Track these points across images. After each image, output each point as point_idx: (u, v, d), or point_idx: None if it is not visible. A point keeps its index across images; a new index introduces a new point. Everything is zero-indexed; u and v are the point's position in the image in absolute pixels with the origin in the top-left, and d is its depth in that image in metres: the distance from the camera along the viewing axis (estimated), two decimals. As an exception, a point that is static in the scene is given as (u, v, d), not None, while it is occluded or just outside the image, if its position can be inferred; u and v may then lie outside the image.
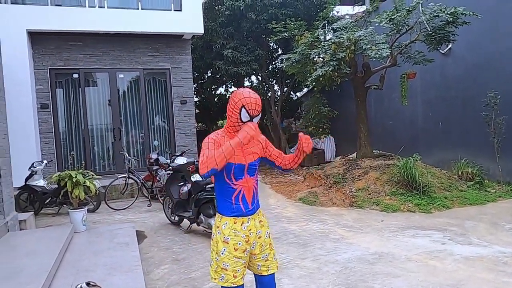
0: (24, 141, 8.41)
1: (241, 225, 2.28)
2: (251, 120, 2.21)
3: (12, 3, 8.91)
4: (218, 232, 2.29)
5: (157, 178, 8.29)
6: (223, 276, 2.27)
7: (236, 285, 2.27)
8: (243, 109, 2.18)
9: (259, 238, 2.36)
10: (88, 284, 3.49)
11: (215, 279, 2.31)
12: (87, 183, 5.83)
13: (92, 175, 6.24)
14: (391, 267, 4.21)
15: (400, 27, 7.96)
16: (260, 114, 2.27)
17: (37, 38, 9.18)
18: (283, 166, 2.49)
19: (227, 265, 2.25)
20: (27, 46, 8.77)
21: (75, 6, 9.50)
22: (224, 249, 2.25)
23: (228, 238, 2.25)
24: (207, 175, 2.05)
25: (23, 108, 8.58)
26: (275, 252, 2.52)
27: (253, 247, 2.34)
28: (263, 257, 2.39)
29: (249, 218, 2.31)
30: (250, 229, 2.31)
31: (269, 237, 2.44)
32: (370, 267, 4.24)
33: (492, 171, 7.97)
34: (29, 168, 7.51)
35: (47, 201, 7.55)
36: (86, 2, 9.37)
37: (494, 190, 7.53)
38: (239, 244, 2.26)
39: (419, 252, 4.65)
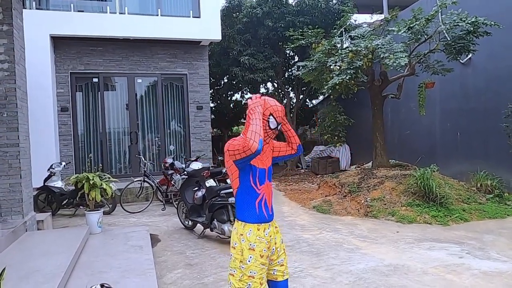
0: (44, 143, 8.61)
1: (263, 232, 2.29)
2: (277, 127, 2.31)
3: (37, 8, 9.18)
4: (243, 240, 2.26)
5: (172, 182, 8.36)
6: (249, 284, 2.23)
7: None
8: (271, 117, 2.28)
9: (275, 243, 2.37)
10: (102, 286, 3.52)
11: None
12: (104, 186, 5.91)
13: (109, 177, 6.33)
14: (406, 280, 4.13)
15: (419, 36, 7.89)
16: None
17: (59, 42, 9.42)
18: (293, 151, 2.57)
19: (254, 273, 2.23)
20: (49, 50, 9.01)
21: (96, 12, 9.75)
22: (251, 257, 2.23)
23: (254, 245, 2.24)
24: (260, 148, 2.10)
25: (44, 110, 8.80)
26: (287, 256, 2.53)
27: (272, 253, 2.36)
28: (279, 262, 2.40)
29: (269, 225, 2.33)
30: (271, 235, 2.33)
31: (282, 242, 2.47)
32: (385, 279, 4.17)
33: (513, 184, 7.77)
34: (48, 170, 7.67)
35: (65, 202, 7.69)
36: (107, 8, 9.59)
37: (515, 204, 7.32)
38: (264, 250, 2.27)
39: (435, 265, 4.55)
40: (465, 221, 6.55)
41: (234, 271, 2.29)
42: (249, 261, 2.23)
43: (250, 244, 2.24)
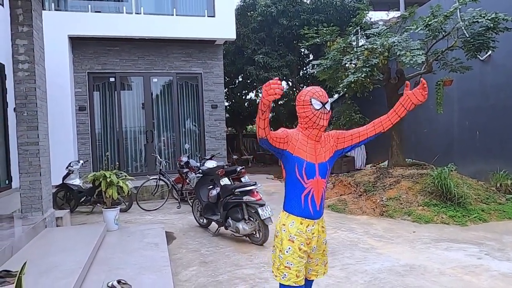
0: (63, 141, 8.79)
1: (306, 227, 2.27)
2: (323, 106, 2.25)
3: (55, 9, 9.37)
4: (284, 230, 2.28)
5: (187, 180, 8.42)
6: (285, 275, 2.25)
7: (298, 285, 2.25)
8: (313, 100, 2.25)
9: (316, 241, 2.35)
10: (119, 282, 3.59)
11: (277, 276, 2.30)
12: (120, 184, 6.00)
13: (125, 175, 6.42)
14: (423, 280, 4.07)
15: (437, 33, 7.75)
16: (329, 101, 2.31)
17: (77, 43, 9.59)
18: (372, 133, 2.36)
19: (291, 264, 2.24)
20: (68, 50, 9.19)
21: (113, 12, 9.90)
22: (289, 248, 2.24)
23: (294, 237, 2.25)
24: (261, 143, 2.14)
25: (63, 109, 8.98)
26: (327, 258, 2.50)
27: (313, 251, 2.35)
28: (315, 261, 2.41)
29: (315, 222, 2.30)
30: (314, 233, 2.31)
31: (325, 243, 2.45)
32: (401, 279, 4.12)
33: (534, 184, 7.56)
34: (67, 168, 7.83)
35: (82, 199, 7.83)
36: (123, 9, 9.72)
37: (536, 204, 7.13)
38: (302, 244, 2.27)
39: (453, 266, 4.47)
40: (484, 222, 6.42)
41: (274, 259, 2.33)
42: (287, 251, 2.24)
43: (290, 236, 2.25)
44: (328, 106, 2.28)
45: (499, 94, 8.42)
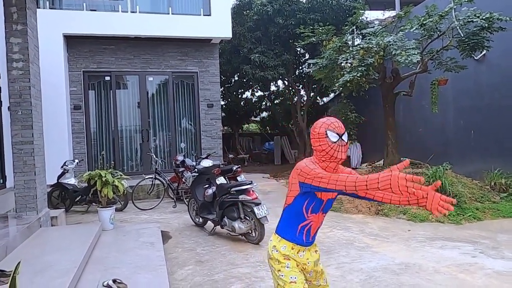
0: (58, 140, 8.73)
1: (297, 252, 2.24)
2: (340, 138, 2.14)
3: (50, 8, 9.31)
4: (276, 251, 2.25)
5: (183, 179, 8.41)
6: None
7: None
8: (328, 132, 2.14)
9: (313, 267, 2.32)
10: (114, 281, 3.58)
11: None
12: (116, 183, 5.98)
13: (121, 175, 6.40)
14: (418, 279, 4.10)
15: (432, 33, 7.78)
16: (346, 133, 2.20)
17: (72, 41, 9.54)
18: (358, 192, 2.16)
19: (295, 278, 2.19)
20: (63, 49, 9.13)
21: (108, 11, 9.85)
22: (288, 263, 2.21)
23: (287, 255, 2.23)
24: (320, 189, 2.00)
25: (58, 108, 8.92)
26: (326, 273, 2.47)
27: (310, 274, 2.31)
28: (316, 283, 2.37)
29: (306, 248, 2.28)
30: (308, 258, 2.27)
31: (317, 265, 2.39)
32: (396, 278, 4.14)
33: (528, 183, 7.62)
34: (62, 167, 7.79)
35: (78, 199, 7.80)
36: (119, 7, 9.68)
37: (530, 203, 7.19)
38: (297, 264, 2.24)
39: (447, 264, 4.50)
40: (479, 220, 6.47)
41: (276, 282, 2.26)
42: (287, 267, 2.20)
43: (284, 254, 2.23)
44: (345, 138, 2.17)
45: (494, 94, 8.48)
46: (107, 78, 10.01)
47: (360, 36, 9.26)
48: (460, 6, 7.48)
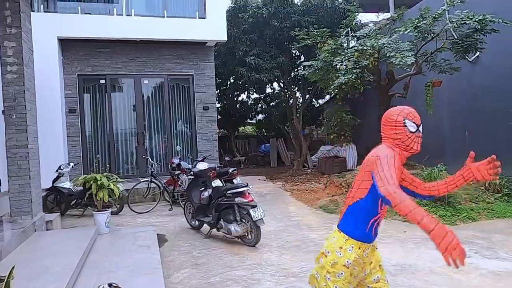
0: (53, 144, 8.69)
1: (363, 251, 2.13)
2: (418, 129, 2.13)
3: (44, 11, 9.29)
4: (340, 254, 2.10)
5: (179, 182, 8.39)
6: None
7: None
8: (407, 121, 2.11)
9: (370, 264, 2.21)
10: (110, 285, 3.56)
11: None
12: (111, 186, 5.97)
13: (116, 178, 6.38)
14: (414, 279, 4.11)
15: (426, 35, 7.84)
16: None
17: (67, 44, 9.52)
18: (420, 191, 2.26)
19: None
20: (57, 52, 9.11)
21: (103, 14, 9.84)
22: (342, 273, 2.09)
23: (349, 263, 2.08)
24: (385, 200, 1.85)
25: (53, 112, 8.89)
26: (386, 273, 2.32)
27: (365, 274, 2.20)
28: (374, 279, 2.23)
29: (370, 245, 2.17)
30: (368, 256, 2.17)
31: (379, 262, 2.28)
32: (392, 278, 4.15)
33: (522, 183, 7.68)
34: (57, 170, 7.75)
35: (73, 202, 7.76)
36: (114, 11, 9.67)
37: (524, 203, 7.25)
38: (355, 269, 2.12)
39: (443, 265, 4.50)
40: (473, 221, 6.50)
41: (318, 276, 2.19)
42: (338, 276, 2.09)
43: (347, 261, 2.08)
44: (421, 129, 2.13)
45: (488, 95, 8.54)
46: (102, 81, 9.99)
47: (355, 38, 9.31)
48: (453, 8, 7.55)
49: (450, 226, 6.30)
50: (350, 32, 9.58)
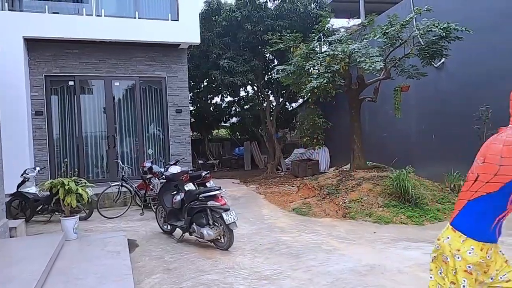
0: (17, 147, 8.36)
1: (486, 253, 1.89)
2: None
3: (9, 10, 8.94)
4: (458, 258, 1.89)
5: (151, 186, 8.26)
6: None
7: None
8: None
9: (495, 265, 1.98)
10: (77, 292, 3.47)
11: None
12: (80, 191, 5.80)
13: (85, 182, 6.22)
14: (383, 279, 4.21)
15: (394, 41, 8.08)
16: None
17: (33, 45, 9.19)
18: None
19: None
20: (23, 52, 8.78)
21: (72, 14, 9.57)
22: (465, 281, 1.87)
23: (471, 268, 1.87)
24: None
25: (17, 114, 8.55)
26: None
27: (491, 279, 1.96)
28: (501, 278, 1.98)
29: (493, 245, 1.94)
30: (491, 258, 1.93)
31: (503, 254, 2.05)
32: (362, 279, 4.24)
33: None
34: (22, 175, 7.46)
35: (39, 208, 7.49)
36: (83, 11, 9.44)
37: (486, 203, 7.56)
38: (478, 274, 1.91)
39: (411, 265, 4.66)
40: (440, 221, 6.73)
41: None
42: (463, 286, 1.89)
43: (468, 266, 1.88)
44: None
45: (453, 100, 8.89)
46: (71, 82, 9.71)
47: (327, 43, 9.48)
48: (420, 16, 7.82)
49: (418, 226, 6.50)
50: (322, 37, 9.74)
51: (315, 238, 5.98)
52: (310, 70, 8.74)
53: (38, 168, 7.91)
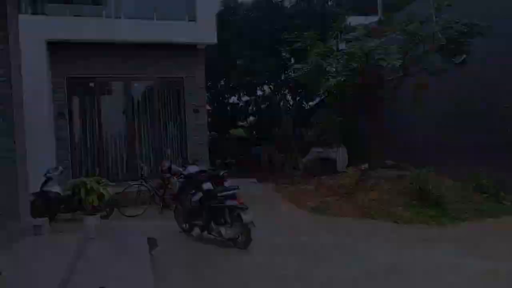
0: (41, 148, 8.55)
1: None
2: None
3: (32, 13, 9.18)
4: None
5: (169, 186, 8.35)
6: None
7: None
8: None
9: None
10: (100, 289, 3.54)
11: None
12: (101, 190, 5.92)
13: (106, 182, 6.33)
14: (403, 280, 4.16)
15: (413, 38, 7.94)
16: None
17: (55, 47, 9.39)
18: None
19: None
20: (45, 55, 9.01)
21: (92, 16, 9.75)
22: None
23: None
24: None
25: (41, 116, 8.76)
26: None
27: None
28: None
29: None
30: None
31: None
32: (382, 279, 4.19)
33: (508, 183, 7.80)
34: (45, 175, 7.65)
35: (62, 207, 7.66)
36: (103, 13, 9.60)
37: (510, 203, 7.37)
38: None
39: (432, 265, 4.58)
40: (461, 221, 6.59)
41: None
42: None
43: None
44: None
45: (476, 97, 8.67)
46: (92, 84, 9.91)
47: (344, 41, 9.38)
48: (440, 12, 7.66)
49: (438, 226, 6.38)
50: (339, 35, 9.65)
51: (334, 237, 5.94)
52: (327, 69, 8.67)
53: (60, 168, 8.09)
